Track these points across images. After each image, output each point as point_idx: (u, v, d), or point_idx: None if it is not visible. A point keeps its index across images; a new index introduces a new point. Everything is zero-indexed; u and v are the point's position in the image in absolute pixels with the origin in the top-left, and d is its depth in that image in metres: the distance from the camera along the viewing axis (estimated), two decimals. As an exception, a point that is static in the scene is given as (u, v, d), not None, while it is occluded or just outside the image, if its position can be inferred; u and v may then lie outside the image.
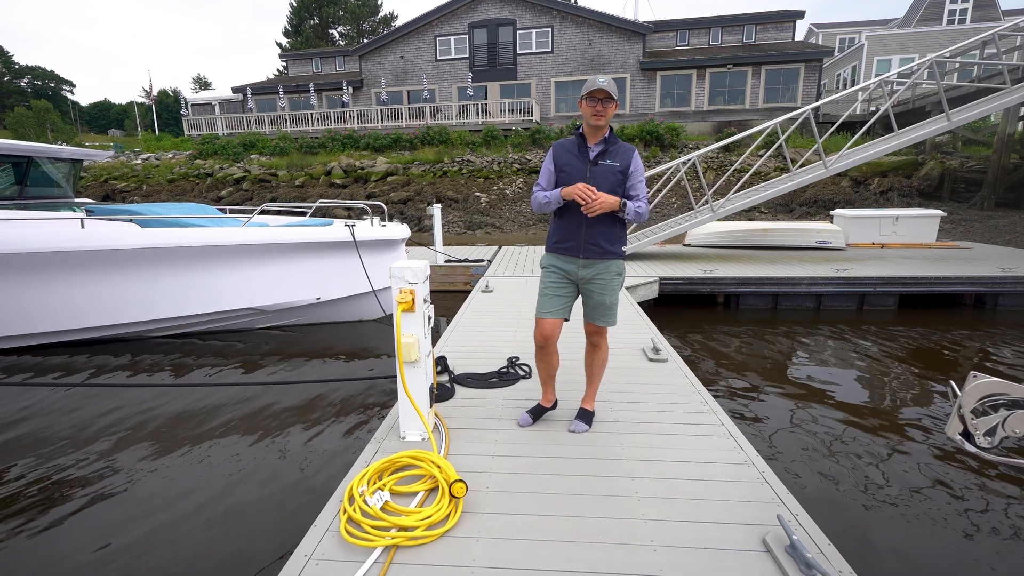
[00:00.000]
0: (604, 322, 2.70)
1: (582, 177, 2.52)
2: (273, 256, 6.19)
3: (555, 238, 2.67)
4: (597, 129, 2.51)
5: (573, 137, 2.61)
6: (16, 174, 6.48)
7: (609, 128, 2.55)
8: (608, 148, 2.54)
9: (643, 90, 22.13)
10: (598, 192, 2.41)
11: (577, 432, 2.80)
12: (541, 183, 2.65)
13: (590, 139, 2.56)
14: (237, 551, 2.73)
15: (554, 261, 2.69)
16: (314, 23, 44.52)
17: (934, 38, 22.75)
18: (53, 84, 58.21)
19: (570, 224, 2.58)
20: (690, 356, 5.57)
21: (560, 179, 2.59)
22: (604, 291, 2.64)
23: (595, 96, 2.43)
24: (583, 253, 2.59)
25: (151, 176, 20.77)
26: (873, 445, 3.73)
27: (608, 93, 2.41)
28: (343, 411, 4.37)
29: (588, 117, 2.49)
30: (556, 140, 3.52)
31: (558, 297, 2.68)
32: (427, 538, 1.97)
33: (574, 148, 2.58)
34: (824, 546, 1.91)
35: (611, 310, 2.68)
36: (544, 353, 2.82)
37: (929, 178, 15.32)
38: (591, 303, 2.69)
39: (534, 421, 2.91)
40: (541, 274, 2.76)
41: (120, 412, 4.43)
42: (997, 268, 7.44)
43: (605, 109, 2.44)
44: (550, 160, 2.63)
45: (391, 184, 18.10)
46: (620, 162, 2.53)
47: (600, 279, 2.62)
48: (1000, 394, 1.59)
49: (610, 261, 2.62)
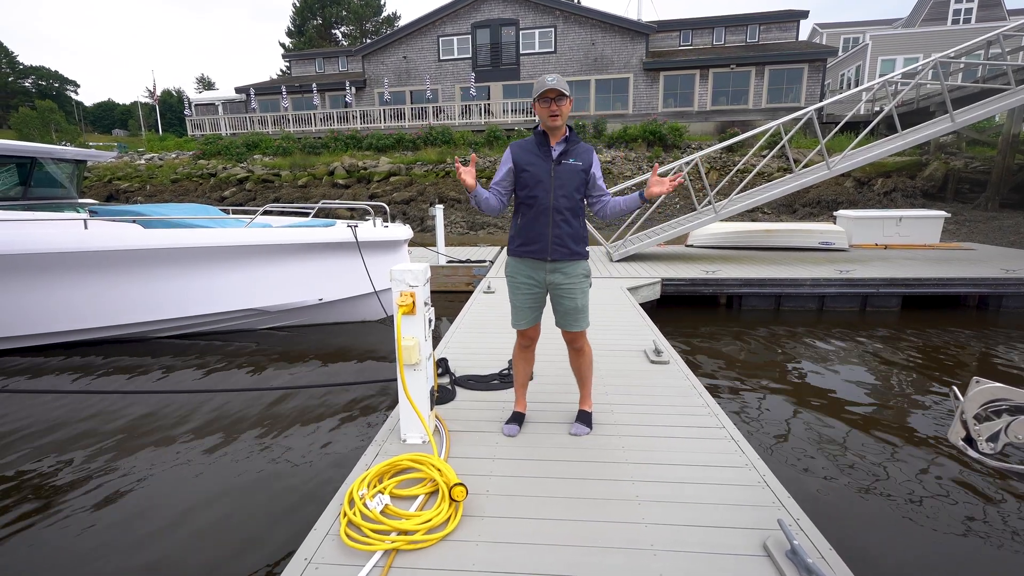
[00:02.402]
0: (578, 326, 2.68)
1: (546, 176, 2.53)
2: (276, 257, 6.21)
3: (519, 241, 2.64)
4: (556, 129, 2.52)
5: (532, 137, 2.61)
6: (20, 175, 6.51)
7: (568, 127, 2.57)
8: (570, 147, 2.56)
9: (646, 90, 22.10)
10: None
11: (579, 435, 2.80)
12: (497, 187, 2.63)
13: (552, 138, 2.56)
14: (237, 554, 2.73)
15: (522, 268, 2.67)
16: (317, 23, 44.61)
17: (939, 38, 22.65)
18: (57, 84, 58.50)
19: (535, 225, 2.57)
20: (692, 358, 5.55)
21: (522, 179, 2.58)
22: (574, 295, 2.63)
23: (547, 96, 2.43)
24: (551, 255, 2.58)
25: (155, 176, 20.85)
26: (875, 448, 3.71)
27: (559, 91, 2.41)
28: (344, 413, 4.38)
29: (544, 118, 2.50)
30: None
31: (530, 308, 2.72)
32: (427, 542, 1.97)
33: (535, 148, 2.58)
34: (825, 551, 1.90)
35: (583, 313, 2.67)
36: (527, 352, 2.88)
37: (933, 179, 15.26)
38: (562, 310, 2.67)
39: (520, 428, 2.90)
40: (509, 284, 2.74)
41: (118, 414, 4.44)
42: (1001, 269, 7.40)
43: (560, 107, 2.44)
44: (509, 160, 2.61)
45: (394, 184, 18.12)
46: (583, 161, 2.56)
47: (568, 283, 2.62)
48: (1003, 400, 1.58)
49: (577, 262, 2.63)
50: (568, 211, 2.56)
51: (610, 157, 18.34)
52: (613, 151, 18.80)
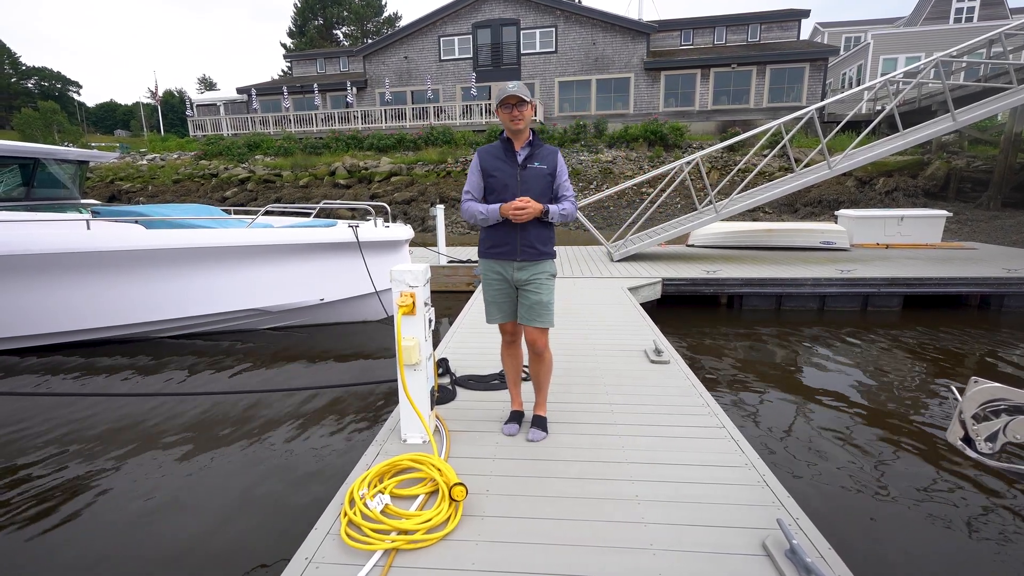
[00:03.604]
0: (543, 322, 2.69)
1: (512, 181, 2.58)
2: (277, 257, 6.22)
3: (489, 243, 2.70)
4: (519, 133, 2.58)
5: (498, 142, 2.66)
6: (23, 175, 6.53)
7: (531, 131, 2.63)
8: (534, 151, 2.61)
9: (647, 90, 22.09)
10: (529, 201, 2.50)
11: (535, 440, 2.77)
12: (470, 191, 2.69)
13: (516, 143, 2.61)
14: (237, 553, 2.74)
15: (493, 266, 2.72)
16: (318, 24, 44.66)
17: (941, 37, 22.60)
18: (60, 85, 58.64)
19: (503, 230, 2.62)
20: (692, 357, 5.56)
21: (489, 184, 2.64)
22: (540, 290, 2.67)
23: (508, 103, 2.50)
24: (519, 256, 2.64)
25: (156, 176, 20.90)
26: (876, 448, 3.72)
27: (520, 98, 2.47)
28: (345, 413, 4.39)
29: (507, 123, 2.56)
30: (557, 141, 3.57)
31: (502, 303, 2.77)
32: (427, 541, 1.98)
33: (501, 153, 2.63)
34: (824, 550, 1.90)
35: (548, 308, 2.70)
36: (513, 348, 2.89)
37: (935, 178, 15.23)
38: (528, 303, 2.69)
39: (519, 427, 2.91)
40: (483, 282, 2.81)
41: (118, 417, 4.46)
42: (1002, 269, 7.39)
43: (522, 112, 2.51)
44: (477, 166, 2.67)
45: (395, 184, 18.14)
46: (547, 164, 2.61)
47: (535, 279, 2.66)
48: (1001, 399, 1.59)
49: (544, 262, 2.68)
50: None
51: (611, 157, 18.34)
52: (614, 151, 18.80)
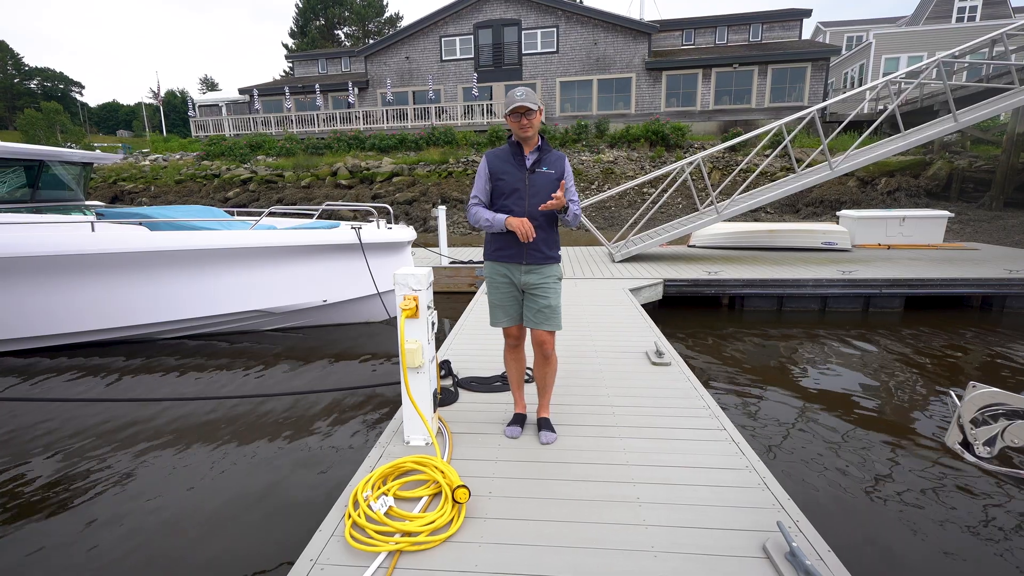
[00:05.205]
0: (551, 325, 2.71)
1: (521, 185, 2.61)
2: (280, 259, 6.25)
3: (496, 245, 2.72)
4: (528, 139, 2.61)
5: (506, 146, 2.69)
6: (28, 177, 6.57)
7: (540, 136, 2.66)
8: (543, 156, 2.64)
9: (648, 90, 22.07)
10: (531, 228, 2.55)
11: (549, 443, 2.80)
12: (478, 195, 2.71)
13: (525, 148, 2.64)
14: (242, 555, 2.77)
15: (499, 268, 2.74)
16: (320, 24, 44.71)
17: (943, 36, 22.55)
18: (63, 86, 58.80)
19: (510, 234, 2.64)
20: (694, 359, 5.57)
21: (497, 187, 2.66)
22: (548, 294, 2.69)
23: (517, 112, 2.54)
24: (526, 259, 2.66)
25: (159, 177, 20.95)
26: (876, 450, 3.73)
27: (527, 107, 2.51)
28: (348, 415, 4.41)
29: (516, 131, 2.60)
30: (559, 141, 3.61)
31: (507, 306, 2.77)
32: (430, 543, 2.00)
33: (509, 157, 2.66)
34: (824, 553, 1.92)
35: (556, 312, 2.72)
36: (516, 352, 2.91)
37: (937, 178, 15.20)
38: (535, 307, 2.71)
39: (522, 430, 2.92)
40: (488, 285, 2.82)
41: (121, 417, 4.49)
42: (1004, 270, 7.38)
43: (530, 121, 2.55)
44: (485, 170, 2.69)
45: (396, 185, 18.16)
46: (555, 169, 2.65)
47: (543, 282, 2.69)
48: (999, 404, 1.60)
49: (551, 265, 2.71)
50: (543, 217, 2.64)
51: (613, 157, 18.33)
52: (616, 151, 18.79)
